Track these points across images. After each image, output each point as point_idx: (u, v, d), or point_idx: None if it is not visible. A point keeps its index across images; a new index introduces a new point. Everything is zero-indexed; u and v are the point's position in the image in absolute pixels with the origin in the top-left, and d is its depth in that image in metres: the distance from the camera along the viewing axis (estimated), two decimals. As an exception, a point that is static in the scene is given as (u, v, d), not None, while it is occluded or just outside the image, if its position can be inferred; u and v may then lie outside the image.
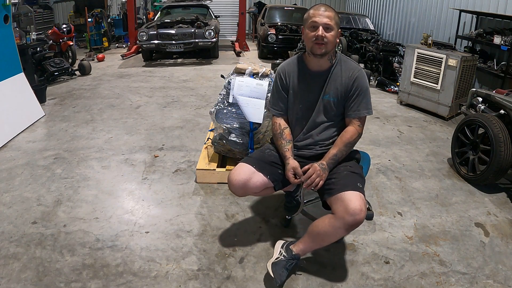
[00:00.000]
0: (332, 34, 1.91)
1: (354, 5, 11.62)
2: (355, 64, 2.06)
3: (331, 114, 2.05)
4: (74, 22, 9.81)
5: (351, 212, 1.77)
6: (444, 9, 6.55)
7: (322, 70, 2.03)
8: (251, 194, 2.12)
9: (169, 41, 7.68)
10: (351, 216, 1.77)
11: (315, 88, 2.05)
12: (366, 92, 2.02)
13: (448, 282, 2.02)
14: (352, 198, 1.80)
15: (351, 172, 1.96)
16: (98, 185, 2.93)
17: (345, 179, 1.91)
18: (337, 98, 2.01)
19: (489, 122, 2.90)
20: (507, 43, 4.61)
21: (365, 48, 7.19)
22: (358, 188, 1.85)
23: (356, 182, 1.90)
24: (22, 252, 2.18)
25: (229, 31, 11.36)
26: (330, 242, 1.93)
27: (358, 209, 1.77)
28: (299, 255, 1.96)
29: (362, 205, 1.79)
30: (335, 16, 1.93)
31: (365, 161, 2.40)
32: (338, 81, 2.00)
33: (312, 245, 1.97)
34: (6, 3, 4.08)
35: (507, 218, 2.63)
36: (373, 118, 4.60)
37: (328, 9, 1.92)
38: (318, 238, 1.91)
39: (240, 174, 2.00)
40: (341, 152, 1.98)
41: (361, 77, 2.00)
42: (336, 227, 1.82)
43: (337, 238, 1.91)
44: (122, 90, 5.71)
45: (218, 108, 2.92)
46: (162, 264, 2.11)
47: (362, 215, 1.78)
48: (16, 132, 3.90)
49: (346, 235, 1.90)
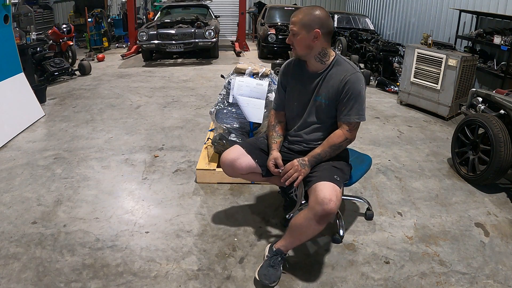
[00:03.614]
0: (298, 39, 1.93)
1: (354, 5, 11.62)
2: (351, 67, 1.99)
3: (322, 116, 2.04)
4: (74, 22, 9.80)
5: (319, 201, 1.76)
6: (444, 9, 6.55)
7: (318, 71, 2.03)
8: (239, 176, 2.22)
9: (169, 41, 7.68)
10: (319, 205, 1.76)
11: (309, 88, 2.06)
12: (358, 97, 1.94)
13: (448, 282, 2.02)
14: (323, 188, 1.80)
15: (332, 166, 1.98)
16: (98, 185, 2.93)
17: (324, 171, 1.93)
18: (328, 101, 1.99)
19: (489, 122, 2.90)
20: (507, 43, 4.61)
21: (365, 48, 7.20)
22: (333, 180, 1.86)
23: (333, 174, 1.90)
24: (22, 252, 2.18)
25: (229, 31, 11.36)
26: (307, 236, 1.92)
27: (327, 198, 1.76)
28: (281, 250, 1.98)
29: (333, 195, 1.77)
30: (303, 18, 1.90)
31: (364, 163, 2.40)
32: (330, 83, 1.98)
33: (292, 240, 1.97)
34: (6, 3, 4.08)
35: (507, 218, 2.63)
36: (373, 118, 4.60)
37: (295, 15, 1.95)
38: (295, 231, 1.93)
39: (230, 154, 2.16)
40: (324, 152, 1.99)
41: (354, 81, 1.93)
42: (308, 219, 1.83)
43: (312, 232, 1.88)
44: (122, 90, 5.71)
45: (218, 108, 2.92)
46: (162, 264, 2.11)
47: (332, 205, 1.75)
48: (16, 132, 3.90)
49: (321, 229, 1.85)
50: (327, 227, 2.47)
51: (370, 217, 2.55)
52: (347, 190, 2.73)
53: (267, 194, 2.84)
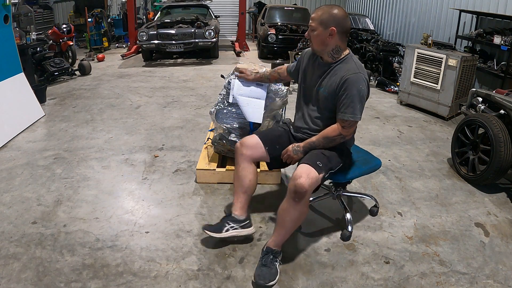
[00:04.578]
0: (315, 34, 2.02)
1: (354, 5, 11.61)
2: (355, 67, 2.03)
3: (323, 107, 2.13)
4: (74, 22, 9.79)
5: (292, 177, 1.88)
6: (444, 9, 6.55)
7: (327, 62, 2.11)
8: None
9: (169, 41, 7.68)
10: (292, 181, 1.87)
11: (315, 77, 2.15)
12: (354, 97, 1.98)
13: (448, 282, 2.02)
14: (300, 168, 1.92)
15: (321, 153, 2.05)
16: (98, 185, 2.93)
17: (310, 156, 2.04)
18: (328, 94, 2.07)
19: (489, 122, 2.90)
20: (507, 43, 4.61)
21: (365, 48, 7.19)
22: (313, 164, 1.94)
23: (316, 160, 1.98)
24: (22, 252, 2.18)
25: (229, 31, 11.36)
26: (291, 221, 1.97)
27: (298, 175, 1.87)
28: (270, 247, 2.02)
29: (304, 172, 1.88)
30: (321, 16, 2.00)
31: (367, 165, 2.39)
32: (333, 78, 2.06)
33: (279, 230, 2.02)
34: (6, 3, 4.08)
35: (507, 218, 2.63)
36: (373, 118, 4.60)
37: (316, 11, 2.04)
38: (280, 219, 2.00)
39: (247, 141, 2.25)
40: (318, 141, 2.08)
41: (352, 81, 1.98)
42: (287, 200, 1.93)
43: (293, 214, 1.94)
44: (122, 90, 5.71)
45: (218, 108, 2.92)
46: (162, 264, 2.11)
47: (302, 180, 1.85)
48: (16, 132, 3.90)
49: (301, 211, 1.92)
50: (336, 224, 2.49)
51: (374, 213, 2.58)
52: (352, 188, 2.74)
53: (267, 194, 2.84)
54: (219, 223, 2.22)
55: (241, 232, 2.21)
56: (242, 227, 2.21)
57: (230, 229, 2.19)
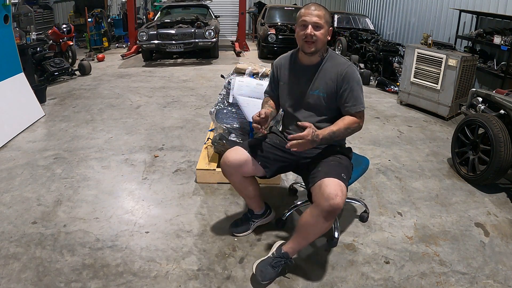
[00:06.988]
0: (322, 32, 1.95)
1: (354, 5, 11.62)
2: (344, 60, 2.05)
3: (321, 109, 2.05)
4: (74, 22, 9.79)
5: (325, 196, 1.76)
6: (444, 9, 6.55)
7: (312, 64, 2.05)
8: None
9: (169, 41, 7.68)
10: (326, 201, 1.75)
11: (303, 81, 2.08)
12: (358, 88, 1.99)
13: (448, 282, 2.02)
14: (329, 183, 1.80)
15: (339, 163, 1.98)
16: (98, 185, 2.93)
17: (330, 168, 1.92)
18: (327, 93, 2.01)
19: (489, 122, 2.90)
20: (507, 43, 4.61)
21: (365, 48, 7.20)
22: (340, 177, 1.85)
23: (341, 172, 1.90)
24: (22, 252, 2.18)
25: (229, 31, 11.36)
26: (315, 235, 1.90)
27: (333, 194, 1.75)
28: (287, 253, 1.96)
29: (338, 190, 1.77)
30: (325, 15, 1.96)
31: (361, 165, 2.39)
32: (327, 76, 2.01)
33: (300, 241, 1.96)
34: (6, 3, 4.08)
35: (507, 218, 2.63)
36: (373, 118, 4.60)
37: (318, 8, 1.95)
38: (303, 231, 1.91)
39: (233, 156, 2.08)
40: (339, 131, 1.95)
41: (351, 73, 1.99)
42: (315, 216, 1.82)
43: (320, 230, 1.86)
44: (122, 90, 5.71)
45: (218, 108, 2.92)
46: (162, 264, 2.11)
47: (338, 200, 1.75)
48: (16, 132, 3.90)
49: (328, 226, 1.84)
50: (335, 224, 2.48)
51: (364, 219, 2.54)
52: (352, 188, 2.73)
53: (267, 195, 2.84)
54: (245, 224, 2.37)
55: (265, 221, 2.42)
56: (265, 218, 2.41)
57: (255, 223, 2.38)
